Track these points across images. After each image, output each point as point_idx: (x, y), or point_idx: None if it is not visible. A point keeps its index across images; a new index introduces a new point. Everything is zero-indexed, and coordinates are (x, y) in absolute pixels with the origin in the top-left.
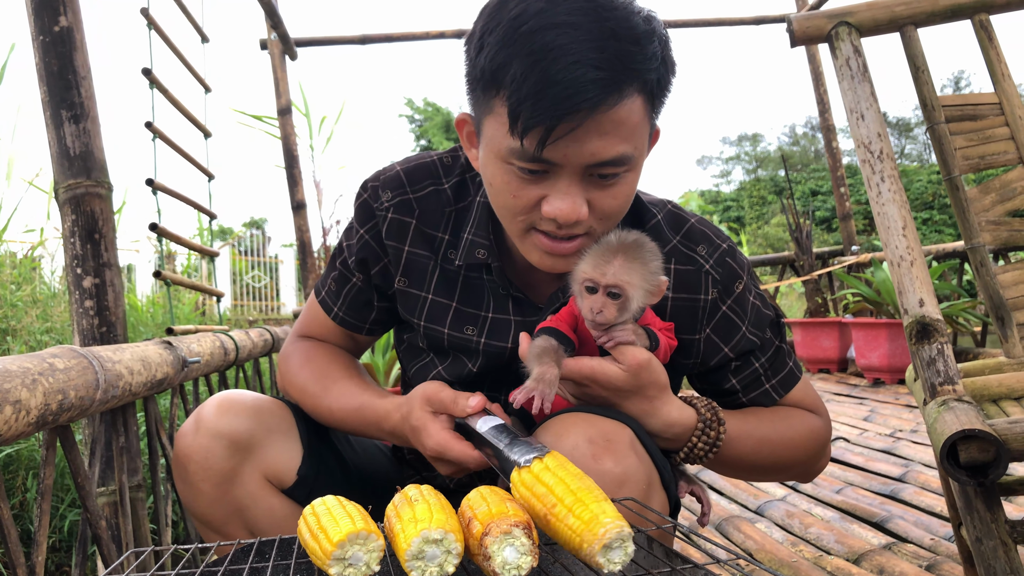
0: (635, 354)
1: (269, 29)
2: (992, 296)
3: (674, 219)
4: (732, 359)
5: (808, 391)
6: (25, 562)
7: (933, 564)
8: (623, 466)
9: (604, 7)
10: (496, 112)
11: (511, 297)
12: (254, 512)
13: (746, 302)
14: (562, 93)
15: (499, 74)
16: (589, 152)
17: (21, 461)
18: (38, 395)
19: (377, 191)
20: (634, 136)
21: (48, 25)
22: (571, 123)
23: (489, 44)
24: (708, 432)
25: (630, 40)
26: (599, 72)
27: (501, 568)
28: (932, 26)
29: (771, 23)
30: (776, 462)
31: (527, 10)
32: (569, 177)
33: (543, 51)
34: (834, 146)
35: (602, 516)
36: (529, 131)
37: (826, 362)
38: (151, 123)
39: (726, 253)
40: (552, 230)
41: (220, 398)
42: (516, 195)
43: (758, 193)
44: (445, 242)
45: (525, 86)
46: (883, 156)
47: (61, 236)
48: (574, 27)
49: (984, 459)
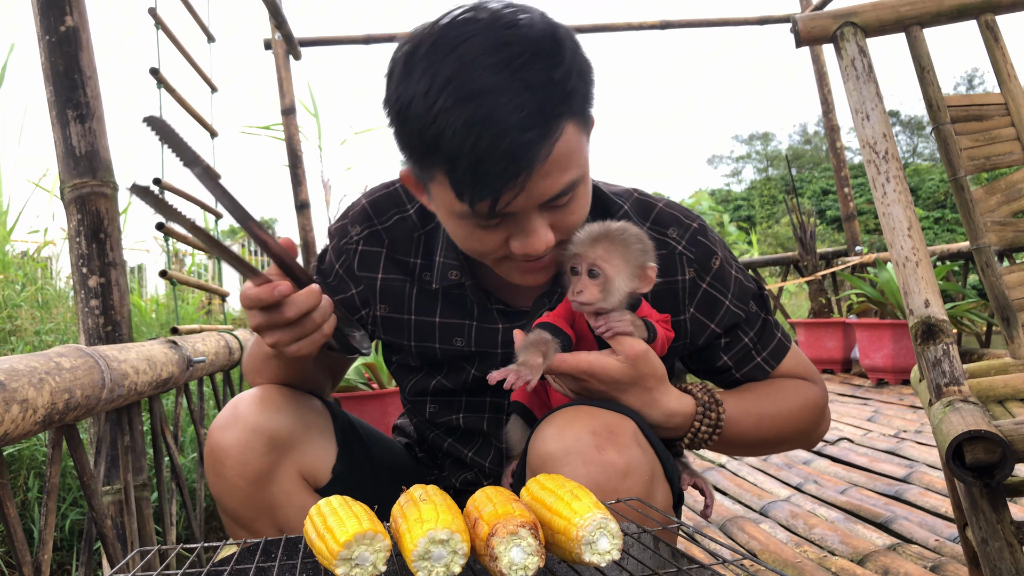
0: (632, 345)
1: (273, 29)
2: (998, 297)
3: (641, 206)
4: (720, 335)
5: (800, 359)
6: (30, 560)
7: (938, 565)
8: (626, 457)
9: (511, 56)
10: (439, 180)
11: (494, 310)
12: (287, 511)
13: (727, 276)
14: (497, 166)
15: (430, 152)
16: (538, 195)
17: (23, 460)
18: (45, 394)
19: (346, 228)
20: (576, 158)
21: (54, 25)
22: (515, 187)
23: (410, 120)
24: (708, 415)
25: (544, 84)
26: (527, 133)
27: (508, 569)
28: (938, 26)
29: (775, 23)
30: (778, 434)
31: (436, 78)
32: (528, 216)
33: (467, 127)
34: (838, 146)
35: (574, 517)
36: (476, 203)
37: (830, 362)
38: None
39: (697, 232)
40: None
41: (259, 392)
42: (481, 242)
43: (769, 192)
44: (419, 265)
45: (460, 167)
46: (888, 156)
47: (67, 236)
48: (486, 93)
49: (990, 460)
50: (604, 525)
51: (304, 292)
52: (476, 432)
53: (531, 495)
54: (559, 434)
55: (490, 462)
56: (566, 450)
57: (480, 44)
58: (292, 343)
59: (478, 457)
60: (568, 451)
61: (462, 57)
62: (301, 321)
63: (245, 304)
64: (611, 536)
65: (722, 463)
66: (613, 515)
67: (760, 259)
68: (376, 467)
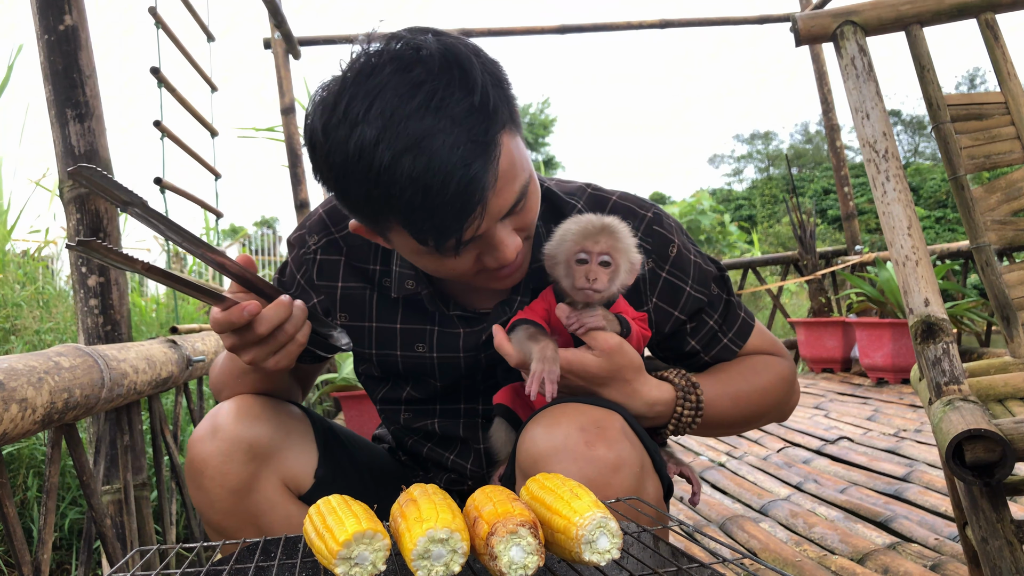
0: (607, 339)
1: (273, 28)
2: (997, 296)
3: (595, 202)
4: (685, 321)
5: (764, 335)
6: (30, 560)
7: (938, 564)
8: (616, 451)
9: (428, 97)
10: (396, 231)
11: (454, 316)
12: (270, 519)
13: (685, 263)
14: (454, 208)
15: (382, 214)
16: (496, 212)
17: (22, 459)
18: (44, 393)
19: (303, 238)
20: (519, 164)
21: (53, 24)
22: (474, 219)
23: (351, 188)
24: (688, 398)
25: (468, 112)
26: (470, 169)
27: (507, 568)
28: (938, 25)
29: (775, 22)
30: (755, 411)
31: (364, 141)
32: (492, 233)
33: (414, 181)
34: (838, 145)
35: (573, 516)
36: (442, 246)
37: (830, 362)
38: (159, 122)
39: (652, 222)
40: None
41: (237, 402)
42: (454, 268)
43: (770, 192)
44: (378, 272)
45: (416, 220)
46: (888, 155)
47: (66, 235)
48: (419, 141)
49: (990, 459)
50: (604, 524)
51: (273, 306)
52: (453, 437)
53: (531, 494)
54: (548, 433)
55: (471, 465)
56: (556, 448)
57: (395, 94)
58: (269, 357)
59: (460, 459)
60: (558, 449)
61: (383, 112)
62: (274, 335)
63: (216, 329)
64: (611, 535)
65: (722, 462)
66: (613, 514)
67: (760, 258)
68: (359, 470)
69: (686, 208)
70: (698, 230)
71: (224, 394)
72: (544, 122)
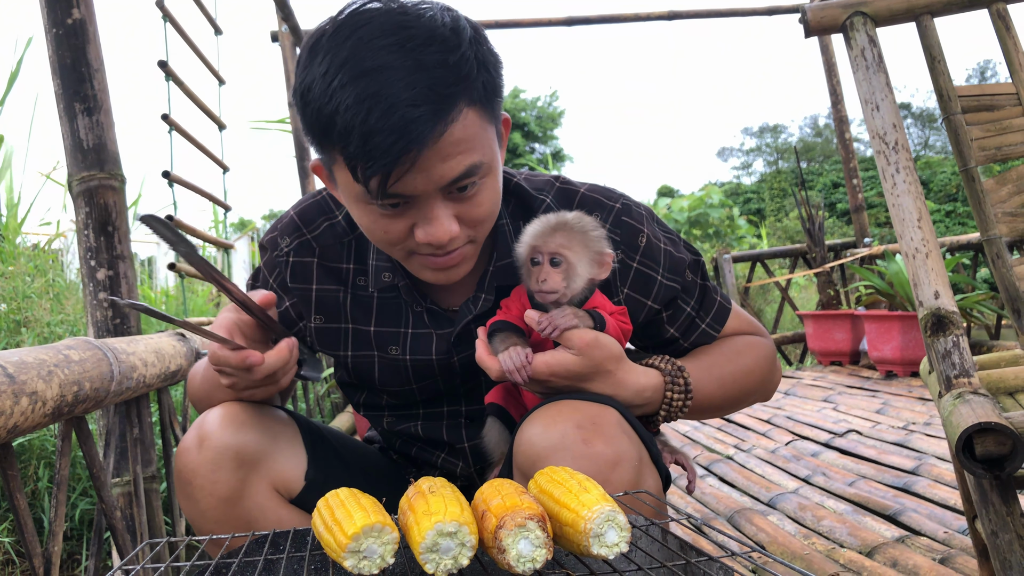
0: (581, 336)
1: (280, 21)
2: (1008, 288)
3: (563, 195)
4: (659, 310)
5: (742, 317)
6: (40, 551)
7: (947, 557)
8: (614, 447)
9: (407, 38)
10: (338, 161)
11: (425, 311)
12: (262, 524)
13: (655, 251)
14: (387, 140)
15: (328, 129)
16: (437, 176)
17: (33, 451)
18: (54, 387)
19: (276, 240)
20: (479, 145)
21: (61, 18)
22: (405, 164)
23: (311, 101)
24: (676, 382)
25: (438, 64)
26: (417, 109)
27: (516, 561)
28: (949, 15)
29: (784, 13)
30: (740, 391)
31: (334, 61)
32: (429, 202)
33: (359, 103)
34: (847, 138)
35: (582, 509)
36: (369, 180)
37: (838, 354)
38: (167, 115)
39: (620, 212)
40: (431, 251)
41: (223, 410)
42: (386, 231)
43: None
44: (352, 271)
45: (352, 140)
46: (898, 147)
47: (75, 229)
48: (381, 70)
49: (1000, 452)
50: (612, 518)
51: (274, 354)
52: (439, 440)
53: (539, 487)
54: (545, 431)
55: (462, 464)
56: (554, 447)
57: (378, 27)
58: (248, 391)
59: (451, 458)
60: (556, 448)
61: (360, 40)
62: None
63: (214, 364)
64: (619, 528)
65: (730, 455)
66: (621, 508)
67: (768, 251)
68: (350, 470)
69: (695, 202)
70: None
71: (201, 404)
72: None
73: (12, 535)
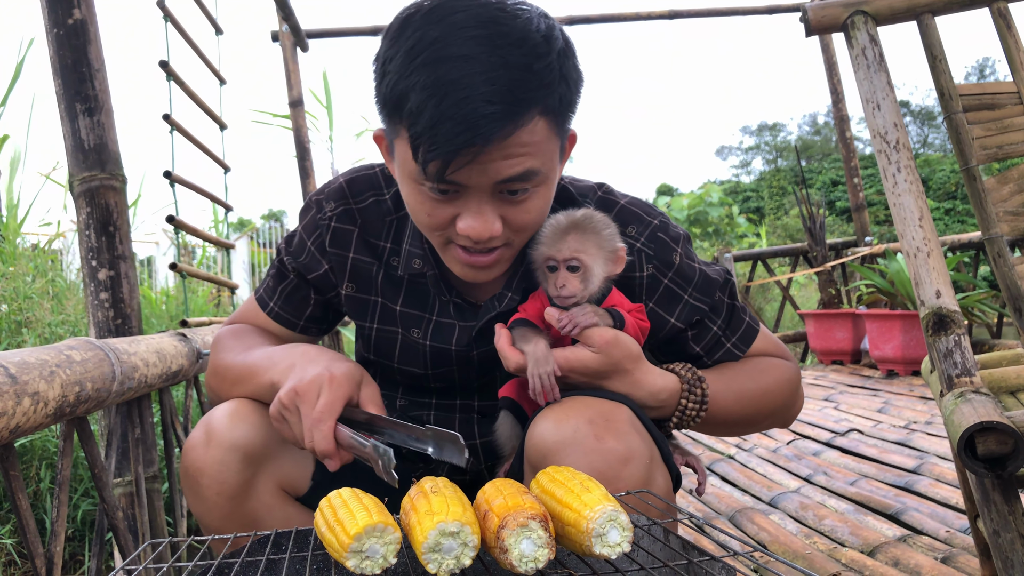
0: (601, 334)
1: (280, 21)
2: (1010, 287)
3: (604, 204)
4: (684, 329)
5: (770, 339)
6: (43, 552)
7: (949, 556)
8: (626, 443)
9: (498, 35)
10: (402, 136)
11: (451, 302)
12: (268, 523)
13: (690, 270)
14: (454, 129)
15: (400, 104)
16: (494, 172)
17: (35, 451)
18: (56, 387)
19: (321, 203)
20: (539, 153)
21: (62, 18)
22: (467, 156)
23: (390, 71)
24: (694, 391)
25: (523, 67)
26: (491, 106)
27: (518, 561)
28: (950, 14)
29: (784, 12)
30: (758, 410)
31: (423, 39)
32: (479, 196)
33: (436, 86)
34: (848, 136)
35: (584, 509)
36: (428, 162)
37: (839, 353)
38: (169, 115)
39: (657, 229)
40: (468, 245)
41: (231, 407)
42: (430, 214)
43: (778, 183)
44: (388, 250)
45: (421, 121)
46: (899, 146)
47: (76, 229)
48: (466, 59)
49: (1002, 451)
50: (614, 517)
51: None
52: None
53: (541, 487)
54: (557, 427)
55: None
56: (565, 442)
57: (473, 16)
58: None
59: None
60: (567, 443)
61: (453, 24)
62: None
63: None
64: (621, 528)
65: (731, 455)
66: (623, 507)
67: (769, 250)
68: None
69: (695, 200)
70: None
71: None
72: None
73: (14, 536)
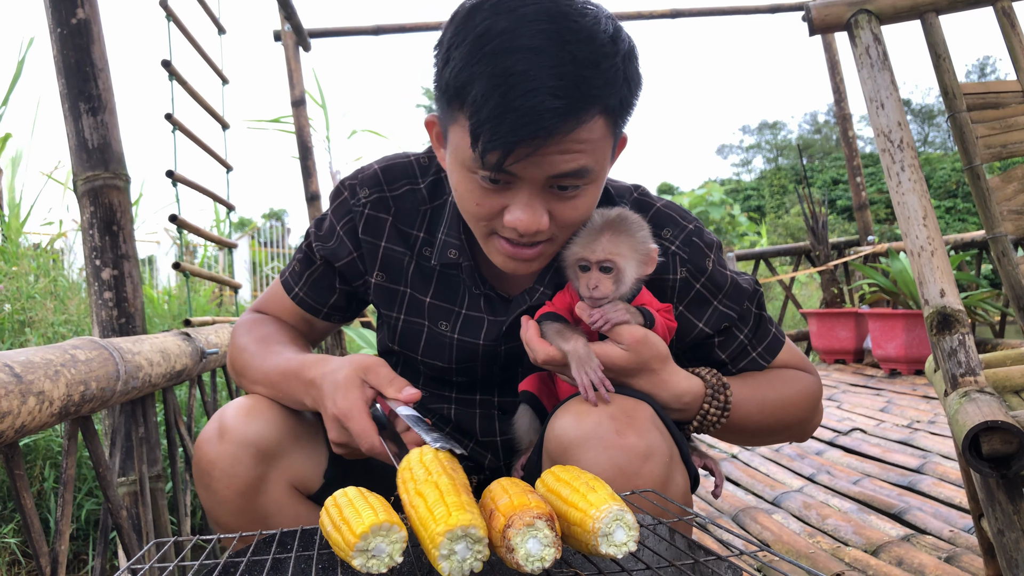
0: (632, 332)
1: (283, 20)
2: (1014, 286)
3: (640, 205)
4: (711, 335)
5: (794, 352)
6: (47, 551)
7: (952, 556)
8: (647, 440)
9: (567, 30)
10: (460, 123)
11: (483, 295)
12: (279, 520)
13: (721, 277)
14: (519, 120)
15: (462, 91)
16: (549, 166)
17: (39, 451)
18: (61, 386)
19: (355, 188)
20: (595, 151)
21: (65, 18)
22: (528, 148)
23: (454, 58)
24: (717, 397)
25: (590, 65)
26: (556, 100)
27: (524, 560)
28: (954, 13)
29: (787, 11)
30: (778, 422)
31: (492, 28)
32: (530, 189)
33: (502, 76)
34: (850, 135)
35: (590, 508)
36: (488, 152)
37: (842, 353)
38: (171, 115)
39: (692, 233)
40: (514, 237)
41: (244, 402)
42: (479, 203)
43: (779, 182)
44: (421, 239)
45: (484, 109)
46: (903, 145)
47: (79, 228)
48: (535, 52)
49: (1007, 451)
50: (620, 517)
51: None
52: (470, 431)
53: (546, 487)
54: (577, 421)
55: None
56: (585, 436)
57: (543, 10)
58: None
59: (480, 449)
60: (588, 437)
61: (523, 16)
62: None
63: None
64: (627, 527)
65: (734, 454)
66: (629, 506)
67: (772, 249)
68: (370, 468)
69: (696, 199)
70: (708, 221)
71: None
72: None
73: (19, 535)
